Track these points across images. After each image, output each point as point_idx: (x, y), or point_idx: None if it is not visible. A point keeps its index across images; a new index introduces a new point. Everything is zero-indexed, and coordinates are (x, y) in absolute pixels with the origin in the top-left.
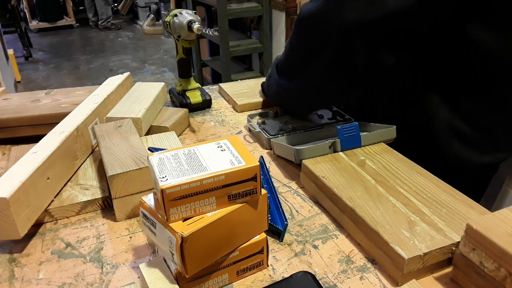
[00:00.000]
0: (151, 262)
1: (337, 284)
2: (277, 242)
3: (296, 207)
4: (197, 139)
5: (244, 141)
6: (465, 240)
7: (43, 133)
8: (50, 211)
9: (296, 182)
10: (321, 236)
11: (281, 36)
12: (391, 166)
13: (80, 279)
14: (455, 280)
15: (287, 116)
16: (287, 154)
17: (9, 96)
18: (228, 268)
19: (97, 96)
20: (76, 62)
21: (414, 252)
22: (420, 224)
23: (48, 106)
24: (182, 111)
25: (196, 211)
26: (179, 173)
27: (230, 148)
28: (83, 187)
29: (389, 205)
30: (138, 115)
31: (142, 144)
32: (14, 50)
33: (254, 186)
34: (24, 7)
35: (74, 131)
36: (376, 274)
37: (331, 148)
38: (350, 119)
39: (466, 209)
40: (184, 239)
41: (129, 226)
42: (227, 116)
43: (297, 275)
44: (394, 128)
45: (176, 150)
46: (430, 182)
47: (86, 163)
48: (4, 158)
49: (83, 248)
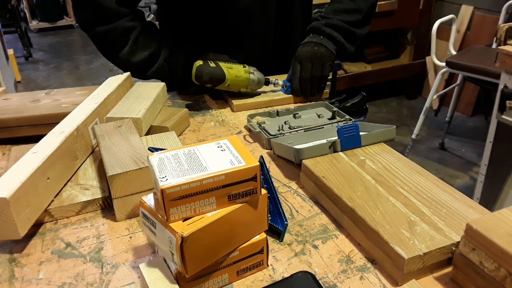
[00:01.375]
0: (151, 262)
1: (337, 284)
2: (277, 242)
3: (296, 207)
4: (197, 139)
5: (244, 141)
6: (465, 240)
7: (43, 133)
8: (50, 211)
9: (296, 182)
10: (321, 236)
11: None
12: (391, 166)
13: (80, 279)
14: (455, 280)
15: (287, 116)
16: (287, 154)
17: (9, 96)
18: (228, 268)
19: (97, 96)
20: (76, 62)
21: (414, 252)
22: (420, 224)
23: (48, 106)
24: (182, 111)
25: (196, 211)
26: (179, 173)
27: (230, 148)
28: (83, 187)
29: (389, 205)
30: (138, 115)
31: (142, 144)
32: (14, 50)
33: (254, 186)
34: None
35: (74, 131)
36: (376, 274)
37: (331, 148)
38: (350, 119)
39: (466, 209)
40: (184, 239)
41: (129, 226)
42: (227, 116)
43: (297, 275)
44: (394, 128)
45: (176, 150)
46: (430, 182)
47: (86, 163)
48: (4, 158)
49: (83, 248)
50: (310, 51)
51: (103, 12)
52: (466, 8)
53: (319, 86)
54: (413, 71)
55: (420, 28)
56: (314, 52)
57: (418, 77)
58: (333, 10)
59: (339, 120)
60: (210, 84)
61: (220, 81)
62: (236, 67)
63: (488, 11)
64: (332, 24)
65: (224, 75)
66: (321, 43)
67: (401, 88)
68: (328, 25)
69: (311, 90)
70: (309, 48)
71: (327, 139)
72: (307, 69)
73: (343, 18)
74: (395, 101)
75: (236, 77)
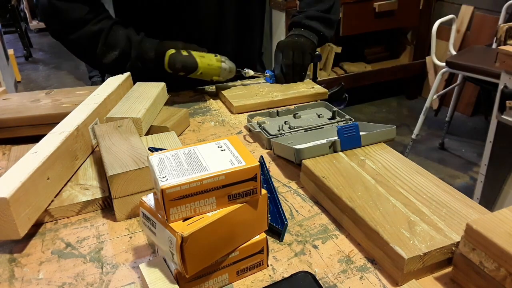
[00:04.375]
0: (151, 262)
1: (337, 284)
2: (277, 242)
3: (296, 207)
4: (197, 139)
5: (244, 141)
6: (465, 240)
7: (43, 133)
8: (50, 211)
9: (296, 182)
10: (321, 236)
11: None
12: (391, 166)
13: (80, 279)
14: (455, 280)
15: (287, 116)
16: (287, 154)
17: (9, 96)
18: (228, 268)
19: (97, 96)
20: (76, 62)
21: (414, 252)
22: (420, 224)
23: (48, 106)
24: (182, 111)
25: (196, 211)
26: (179, 173)
27: (230, 148)
28: (83, 187)
29: (389, 205)
30: (138, 115)
31: (142, 144)
32: (14, 50)
33: (254, 186)
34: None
35: (74, 131)
36: (376, 274)
37: (331, 148)
38: (350, 119)
39: (466, 209)
40: (184, 239)
41: (129, 226)
42: (227, 116)
43: (297, 275)
44: (394, 128)
45: (176, 150)
46: (430, 182)
47: (86, 163)
48: (4, 158)
49: (83, 248)
50: (291, 41)
51: (68, 21)
52: (466, 8)
53: (300, 73)
54: (413, 71)
55: (420, 28)
56: (295, 42)
57: (418, 77)
58: (306, 3)
59: (339, 120)
60: (182, 72)
61: (193, 69)
62: (208, 55)
63: (488, 11)
64: (309, 15)
65: (197, 63)
66: (301, 34)
67: (401, 88)
68: (306, 17)
69: (293, 76)
70: (290, 39)
71: (327, 139)
72: (289, 56)
73: (318, 8)
74: (395, 101)
75: (209, 65)
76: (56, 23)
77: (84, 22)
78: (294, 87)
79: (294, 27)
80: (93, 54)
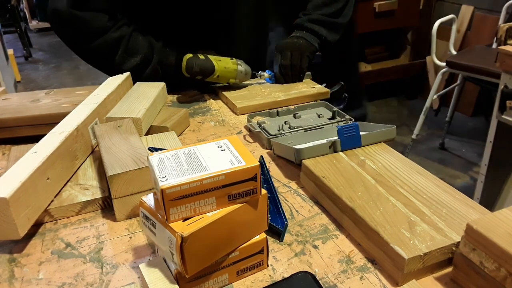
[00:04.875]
0: (151, 262)
1: (337, 284)
2: (277, 242)
3: (296, 207)
4: (197, 139)
5: (244, 141)
6: (465, 240)
7: (43, 133)
8: (50, 211)
9: (296, 182)
10: (321, 236)
11: None
12: (391, 166)
13: (80, 279)
14: (455, 280)
15: (287, 116)
16: (287, 154)
17: (9, 96)
18: (228, 268)
19: (97, 96)
20: (76, 62)
21: (414, 252)
22: (420, 224)
23: (48, 106)
24: (182, 111)
25: (196, 211)
26: (179, 173)
27: (230, 148)
28: (83, 187)
29: (389, 205)
30: (138, 115)
31: (142, 144)
32: (14, 50)
33: (254, 186)
34: (24, 7)
35: (74, 131)
36: (376, 274)
37: (331, 148)
38: (350, 119)
39: (466, 209)
40: (184, 239)
41: (129, 226)
42: (227, 116)
43: (297, 275)
44: (394, 128)
45: (176, 150)
46: (430, 182)
47: (86, 163)
48: (4, 158)
49: (83, 248)
50: (290, 42)
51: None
52: (466, 8)
53: (298, 75)
54: (413, 71)
55: (420, 28)
56: (294, 43)
57: (418, 77)
58: (314, 5)
59: (339, 120)
60: (200, 75)
61: (210, 72)
62: (224, 59)
63: (488, 11)
64: (313, 19)
65: (214, 66)
66: (302, 36)
67: (401, 88)
68: (309, 20)
69: (292, 76)
70: (289, 40)
71: (327, 139)
72: (287, 57)
73: (324, 12)
74: (395, 101)
75: (225, 68)
76: (76, 32)
77: (105, 30)
78: (296, 87)
79: (297, 29)
80: (112, 60)
